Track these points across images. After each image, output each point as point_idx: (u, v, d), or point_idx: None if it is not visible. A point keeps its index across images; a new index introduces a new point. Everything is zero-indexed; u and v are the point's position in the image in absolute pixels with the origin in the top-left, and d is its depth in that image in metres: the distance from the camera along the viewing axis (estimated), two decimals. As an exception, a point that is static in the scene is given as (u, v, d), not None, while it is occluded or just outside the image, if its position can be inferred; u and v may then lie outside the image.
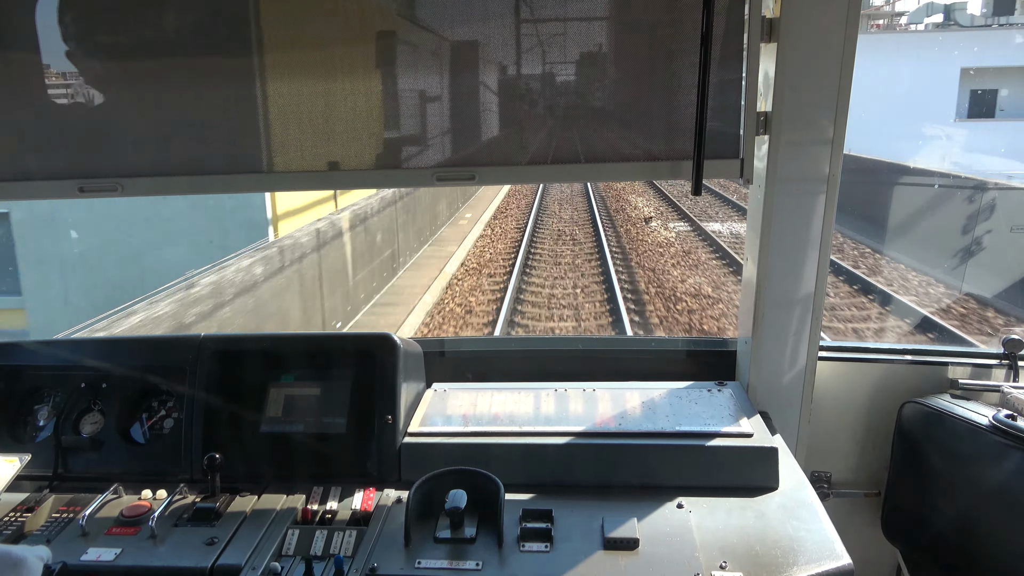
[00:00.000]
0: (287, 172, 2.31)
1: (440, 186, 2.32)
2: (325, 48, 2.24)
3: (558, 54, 2.26)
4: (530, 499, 2.04)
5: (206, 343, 2.33)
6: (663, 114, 2.23)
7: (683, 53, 2.17)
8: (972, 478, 2.29)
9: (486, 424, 2.26)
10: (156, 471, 2.24)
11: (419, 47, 2.24)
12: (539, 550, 1.83)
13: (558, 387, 2.48)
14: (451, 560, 1.80)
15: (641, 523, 1.90)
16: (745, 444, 2.10)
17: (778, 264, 2.34)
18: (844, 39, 2.12)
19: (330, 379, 2.31)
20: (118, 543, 1.92)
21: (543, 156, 2.29)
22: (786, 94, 2.17)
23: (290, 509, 2.05)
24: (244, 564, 1.83)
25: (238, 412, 2.27)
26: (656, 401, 2.37)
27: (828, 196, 2.26)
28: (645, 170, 2.29)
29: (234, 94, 2.26)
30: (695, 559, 1.76)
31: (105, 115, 2.31)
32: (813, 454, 2.61)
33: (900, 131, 21.79)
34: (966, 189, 14.42)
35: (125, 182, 2.34)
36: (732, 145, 2.23)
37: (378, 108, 2.28)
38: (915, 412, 2.46)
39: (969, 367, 2.58)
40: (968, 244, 13.38)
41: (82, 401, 2.35)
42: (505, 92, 2.30)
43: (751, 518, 1.93)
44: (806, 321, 2.38)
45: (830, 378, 2.60)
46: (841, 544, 1.81)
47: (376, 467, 2.17)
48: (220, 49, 2.24)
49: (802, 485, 2.07)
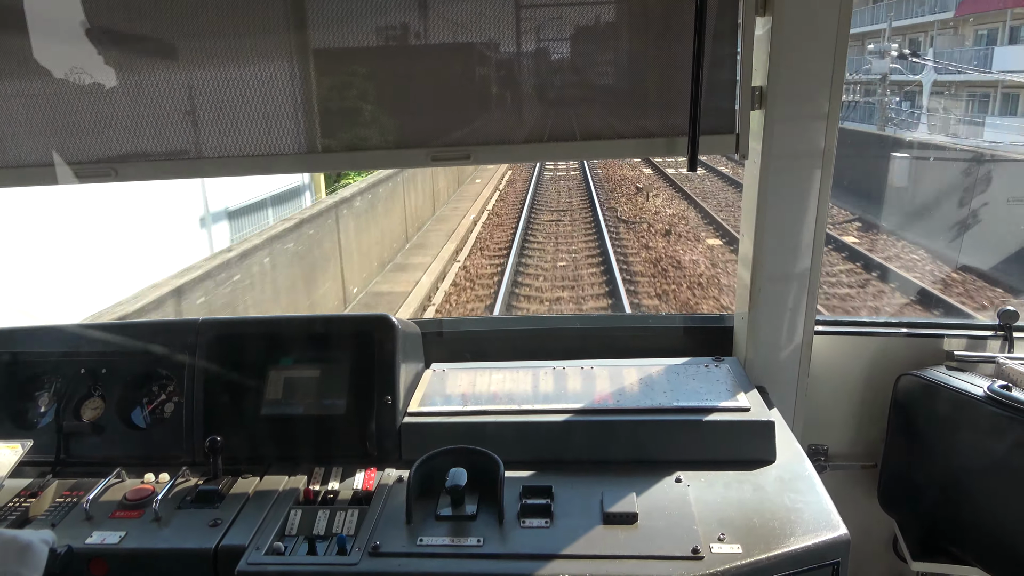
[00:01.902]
0: (280, 154, 2.31)
1: (436, 166, 2.32)
2: (318, 29, 2.23)
3: (552, 32, 2.25)
4: (530, 476, 2.06)
5: (205, 327, 2.34)
6: (658, 90, 2.22)
7: (678, 29, 2.16)
8: (967, 449, 2.31)
9: (485, 403, 2.27)
10: (158, 455, 2.25)
11: (412, 26, 2.22)
12: (539, 526, 1.85)
13: (556, 365, 2.49)
14: (452, 537, 1.82)
15: (640, 498, 1.92)
16: (742, 418, 2.12)
17: (774, 239, 2.34)
18: (839, 13, 2.11)
19: (329, 361, 2.32)
20: (122, 526, 1.94)
21: (538, 134, 2.28)
22: (781, 68, 2.16)
23: (292, 490, 2.06)
24: (248, 544, 1.85)
25: (238, 395, 2.28)
26: (654, 377, 2.38)
27: (823, 171, 2.26)
28: (641, 147, 2.29)
29: (227, 77, 2.25)
30: (693, 532, 1.78)
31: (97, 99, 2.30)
32: (810, 427, 2.63)
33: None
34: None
35: (119, 167, 2.34)
36: (727, 120, 2.23)
37: (372, 89, 2.27)
38: (911, 384, 2.48)
39: (964, 339, 2.60)
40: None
41: (83, 386, 2.36)
42: (499, 71, 2.28)
43: (749, 491, 1.95)
44: (802, 296, 2.39)
45: (826, 352, 2.61)
46: (837, 515, 1.83)
47: (376, 447, 2.18)
48: (214, 31, 2.22)
49: (799, 458, 2.08)
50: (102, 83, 2.30)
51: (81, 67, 2.29)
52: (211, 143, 2.32)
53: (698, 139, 2.14)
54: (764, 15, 2.14)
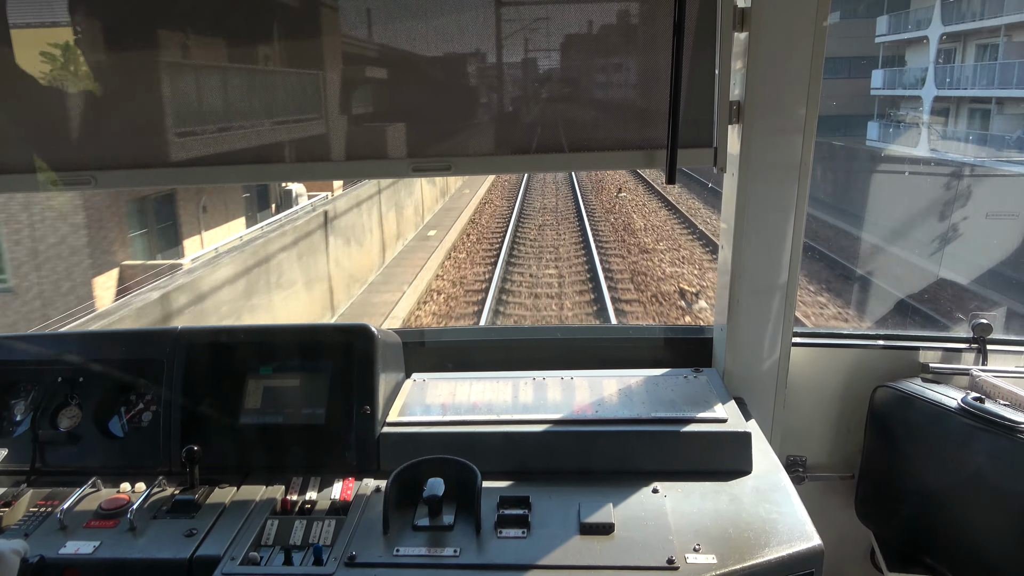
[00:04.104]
0: (262, 164, 2.31)
1: (417, 176, 2.32)
2: (300, 39, 2.24)
3: (533, 44, 2.27)
4: (508, 486, 2.06)
5: (183, 336, 2.33)
6: (637, 104, 2.25)
7: (656, 44, 2.19)
8: (942, 460, 2.34)
9: (465, 413, 2.27)
10: (134, 464, 2.23)
11: (395, 37, 2.23)
12: (516, 536, 1.85)
13: (537, 375, 2.50)
14: (429, 547, 1.82)
15: (616, 508, 1.93)
16: (719, 429, 2.13)
17: (752, 252, 2.36)
18: (815, 28, 2.15)
19: (308, 370, 2.31)
20: (97, 536, 1.92)
21: (518, 146, 2.30)
22: (758, 83, 2.19)
23: (269, 500, 2.05)
24: (223, 555, 1.83)
25: (217, 404, 2.27)
26: (633, 388, 2.39)
27: (800, 183, 2.29)
28: (620, 159, 2.31)
29: (207, 85, 2.25)
30: (669, 542, 1.79)
31: (76, 107, 2.29)
32: (788, 438, 2.65)
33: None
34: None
35: (98, 175, 2.33)
36: (706, 134, 2.26)
37: (354, 99, 2.28)
38: (887, 396, 2.51)
39: (940, 351, 2.63)
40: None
41: (59, 395, 2.34)
42: (479, 83, 2.30)
43: (725, 502, 1.96)
44: (781, 307, 2.42)
45: (804, 364, 2.64)
46: (812, 526, 1.84)
47: (355, 457, 2.18)
48: (193, 40, 2.23)
49: (776, 469, 2.10)
50: (81, 91, 2.29)
51: (61, 75, 2.29)
52: (192, 152, 2.31)
53: (677, 152, 2.17)
54: (741, 31, 2.17)
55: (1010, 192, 15.76)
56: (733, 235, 2.36)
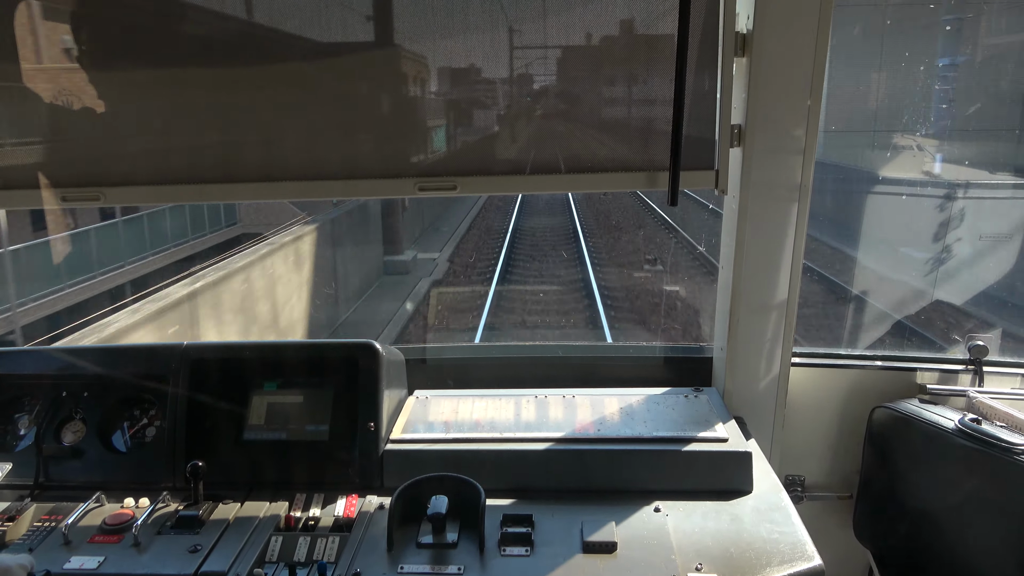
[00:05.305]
0: (265, 182, 2.34)
1: (422, 196, 2.35)
2: (306, 59, 2.27)
3: (538, 67, 2.31)
4: (511, 504, 2.07)
5: (188, 351, 2.34)
6: (641, 127, 2.28)
7: (659, 69, 2.23)
8: (939, 480, 2.36)
9: (468, 431, 2.29)
10: (138, 479, 2.24)
11: (401, 59, 2.27)
12: (519, 554, 1.86)
13: (538, 393, 2.52)
14: (433, 565, 1.83)
15: (619, 527, 1.94)
16: (720, 449, 2.15)
17: (752, 273, 2.39)
18: (815, 53, 2.19)
19: (312, 387, 2.32)
20: (101, 551, 1.93)
21: (523, 167, 2.33)
22: (759, 107, 2.23)
23: (273, 516, 2.06)
24: (228, 571, 1.84)
25: (221, 420, 2.28)
26: (634, 407, 2.41)
27: (800, 205, 2.32)
28: (623, 180, 2.34)
29: (212, 104, 2.28)
30: (671, 561, 1.80)
31: (87, 123, 2.32)
32: (787, 458, 2.66)
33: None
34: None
35: (106, 191, 2.35)
36: (707, 156, 2.29)
37: (359, 119, 2.31)
38: (885, 416, 2.53)
39: (937, 372, 2.66)
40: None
41: (64, 409, 2.35)
42: (485, 104, 2.34)
43: (726, 521, 1.97)
44: (780, 328, 2.44)
45: (803, 384, 2.66)
46: (812, 546, 1.86)
47: (358, 474, 2.19)
48: (200, 58, 2.26)
49: (776, 489, 2.12)
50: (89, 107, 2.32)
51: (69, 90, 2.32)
52: (201, 169, 2.34)
53: (679, 174, 2.20)
54: (742, 56, 2.22)
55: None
56: (733, 256, 2.39)
